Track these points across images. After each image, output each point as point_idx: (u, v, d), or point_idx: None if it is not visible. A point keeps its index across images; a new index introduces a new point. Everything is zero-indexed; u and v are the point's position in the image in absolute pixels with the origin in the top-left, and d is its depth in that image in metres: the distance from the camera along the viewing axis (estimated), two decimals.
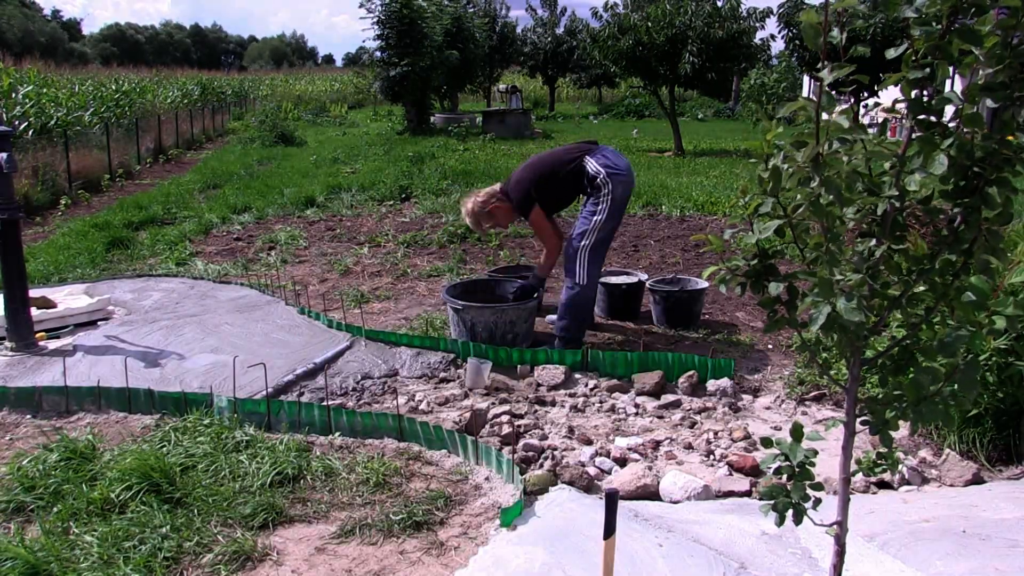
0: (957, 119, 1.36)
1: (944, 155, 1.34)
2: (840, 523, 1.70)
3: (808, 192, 1.42)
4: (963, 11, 1.29)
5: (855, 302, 1.40)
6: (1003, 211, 1.38)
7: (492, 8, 30.43)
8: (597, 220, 4.30)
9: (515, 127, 19.51)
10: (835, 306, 1.42)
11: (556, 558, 2.33)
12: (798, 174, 1.42)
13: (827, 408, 3.68)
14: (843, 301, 1.41)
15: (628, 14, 15.41)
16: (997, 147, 1.33)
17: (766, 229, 1.51)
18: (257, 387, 3.75)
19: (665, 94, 16.36)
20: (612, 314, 5.08)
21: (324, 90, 39.00)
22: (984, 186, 1.36)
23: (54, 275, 6.18)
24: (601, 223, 4.31)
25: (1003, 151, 1.33)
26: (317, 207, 9.35)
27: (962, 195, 1.39)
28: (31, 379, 3.94)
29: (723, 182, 11.10)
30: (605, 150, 4.45)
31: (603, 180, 4.29)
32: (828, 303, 1.43)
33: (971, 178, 1.37)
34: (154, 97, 21.30)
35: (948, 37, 1.31)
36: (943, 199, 1.40)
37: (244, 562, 2.39)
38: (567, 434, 3.41)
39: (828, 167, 1.40)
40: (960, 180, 1.38)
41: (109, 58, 53.22)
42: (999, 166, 1.35)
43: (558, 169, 4.43)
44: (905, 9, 1.32)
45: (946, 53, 1.32)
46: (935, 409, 1.49)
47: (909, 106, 1.38)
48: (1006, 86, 1.31)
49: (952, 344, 1.43)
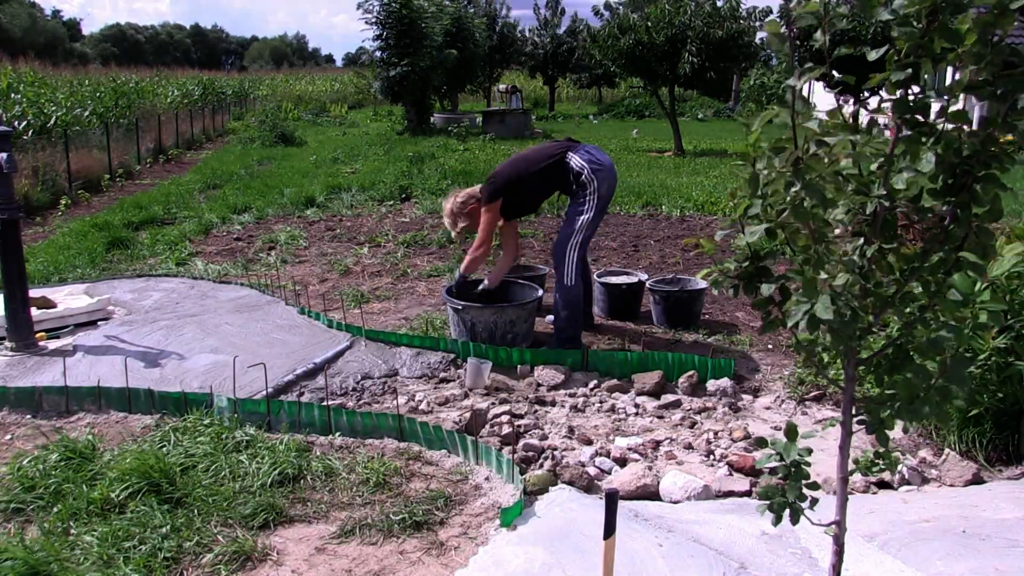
0: (943, 117, 1.37)
1: (931, 153, 1.35)
2: (839, 523, 1.70)
3: (791, 197, 1.42)
4: (941, 10, 1.29)
5: (828, 301, 1.40)
6: (992, 208, 1.38)
7: (492, 8, 30.42)
8: (584, 219, 4.32)
9: (515, 127, 19.52)
10: (813, 306, 1.43)
11: (556, 558, 2.33)
12: (779, 180, 1.43)
13: (827, 408, 3.68)
14: (820, 301, 1.41)
15: (628, 14, 15.42)
16: (984, 144, 1.34)
17: (754, 233, 1.51)
18: (257, 387, 3.75)
19: (665, 94, 16.37)
20: (612, 314, 5.08)
21: (324, 90, 38.97)
22: (973, 183, 1.36)
23: (54, 275, 6.18)
24: (588, 222, 4.33)
25: (990, 148, 1.33)
26: (317, 207, 9.35)
27: (951, 193, 1.39)
28: (31, 379, 3.94)
29: (723, 182, 11.10)
30: (587, 147, 4.46)
31: (588, 177, 4.30)
32: (809, 302, 1.43)
33: (960, 175, 1.37)
34: (154, 97, 21.29)
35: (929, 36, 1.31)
36: (932, 197, 1.40)
37: (244, 562, 2.39)
38: (567, 434, 3.41)
39: (810, 170, 1.40)
40: (949, 178, 1.38)
41: (109, 58, 53.18)
42: (987, 163, 1.35)
43: (540, 162, 4.43)
44: (882, 11, 1.33)
45: (928, 51, 1.32)
46: (928, 406, 1.49)
47: (894, 106, 1.38)
48: (989, 83, 1.31)
49: (939, 342, 1.44)
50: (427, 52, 19.53)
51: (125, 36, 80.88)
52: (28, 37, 54.67)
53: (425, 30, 19.57)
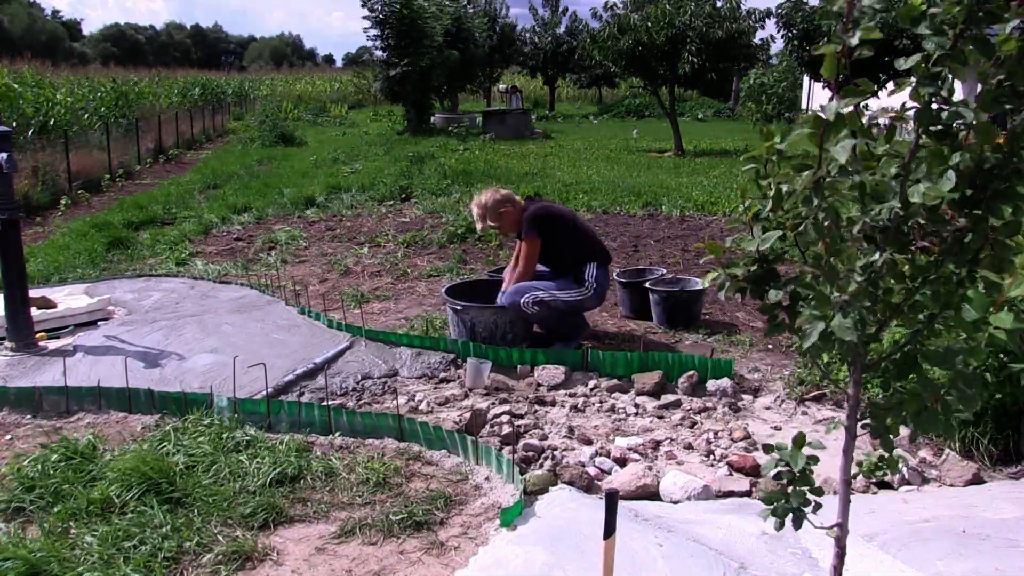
0: (967, 129, 1.33)
1: (952, 171, 1.31)
2: (840, 525, 1.70)
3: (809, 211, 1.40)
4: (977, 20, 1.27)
5: (850, 320, 1.38)
6: (1011, 222, 1.35)
7: (492, 8, 30.42)
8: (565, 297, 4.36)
9: (515, 127, 19.51)
10: (829, 323, 1.40)
11: (556, 558, 2.33)
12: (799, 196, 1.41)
13: (827, 408, 3.68)
14: (838, 319, 1.39)
15: (628, 14, 15.42)
16: (1008, 157, 1.31)
17: (766, 240, 1.49)
18: (257, 387, 3.75)
19: (665, 94, 16.37)
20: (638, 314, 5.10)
21: (324, 90, 38.96)
22: (993, 196, 1.34)
23: (54, 275, 6.18)
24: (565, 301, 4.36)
25: (1013, 162, 1.31)
26: (317, 207, 9.35)
27: (970, 205, 1.36)
28: (31, 379, 3.94)
29: (723, 182, 11.10)
30: (606, 267, 4.57)
31: (588, 285, 4.42)
32: (823, 319, 1.41)
33: (979, 188, 1.34)
34: (154, 97, 21.28)
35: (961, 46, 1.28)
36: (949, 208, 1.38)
37: (244, 562, 2.39)
38: (567, 434, 3.41)
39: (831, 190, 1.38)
40: (968, 190, 1.35)
41: (109, 58, 53.13)
42: (1008, 177, 1.32)
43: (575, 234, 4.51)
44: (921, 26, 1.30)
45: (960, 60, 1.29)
46: (935, 420, 1.48)
47: (918, 115, 1.35)
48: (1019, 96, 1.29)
49: (950, 358, 1.42)
50: (427, 52, 19.54)
51: (125, 36, 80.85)
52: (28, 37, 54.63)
53: (426, 30, 19.57)
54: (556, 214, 4.55)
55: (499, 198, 4.55)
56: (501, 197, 4.56)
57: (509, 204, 4.54)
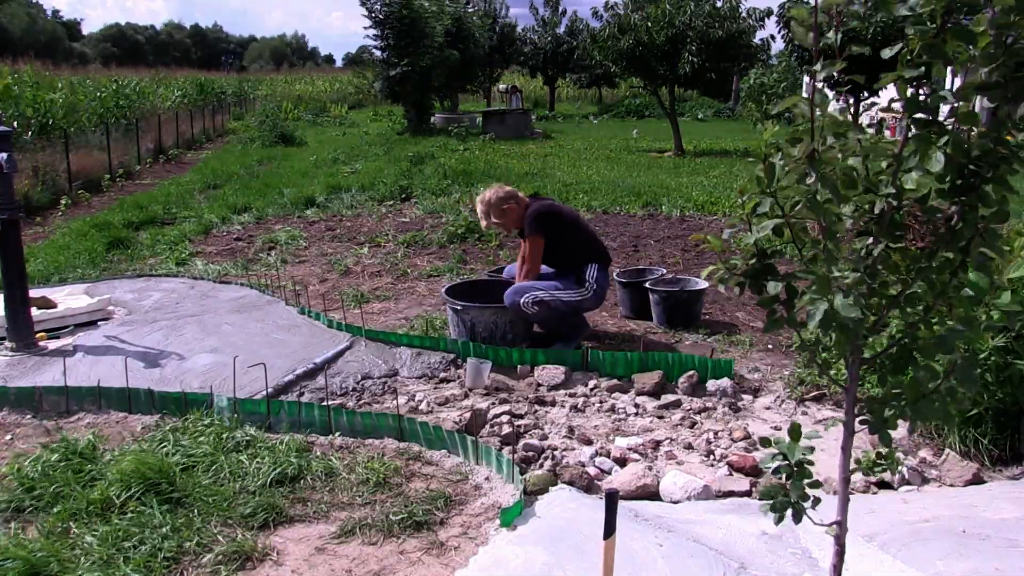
0: (953, 117, 1.36)
1: (940, 152, 1.35)
2: (840, 523, 1.70)
3: (805, 188, 1.42)
4: (957, 10, 1.29)
5: (852, 299, 1.40)
6: (1000, 209, 1.38)
7: (492, 8, 30.42)
8: (564, 297, 4.36)
9: (515, 127, 19.51)
10: (832, 303, 1.42)
11: (556, 558, 2.33)
12: (794, 170, 1.43)
13: (827, 408, 3.68)
14: (840, 298, 1.41)
15: (628, 14, 15.42)
16: (994, 145, 1.34)
17: (764, 228, 1.51)
18: (257, 387, 3.75)
19: (665, 94, 16.36)
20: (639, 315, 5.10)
21: (324, 90, 38.97)
22: (981, 184, 1.36)
23: (54, 275, 6.18)
24: (564, 301, 4.36)
25: (1000, 149, 1.33)
26: (317, 207, 9.35)
27: (959, 193, 1.39)
28: (31, 379, 3.94)
29: (723, 182, 11.10)
30: (607, 268, 4.58)
31: (588, 287, 4.43)
32: (826, 300, 1.43)
33: (968, 176, 1.37)
34: (154, 97, 21.28)
35: (942, 36, 1.31)
36: (940, 197, 1.40)
37: (244, 562, 2.39)
38: (567, 434, 3.41)
39: (824, 164, 1.41)
40: (957, 178, 1.38)
41: (109, 58, 53.19)
42: (996, 164, 1.35)
43: (578, 234, 4.53)
44: (899, 7, 1.33)
45: (940, 52, 1.32)
46: (934, 407, 1.49)
47: (905, 104, 1.38)
48: (1001, 85, 1.31)
49: (950, 340, 1.44)
50: (427, 52, 19.53)
51: (125, 36, 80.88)
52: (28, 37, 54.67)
53: (425, 30, 19.57)
54: (560, 212, 4.57)
55: (503, 195, 4.55)
56: (505, 194, 4.56)
57: (513, 201, 4.54)
